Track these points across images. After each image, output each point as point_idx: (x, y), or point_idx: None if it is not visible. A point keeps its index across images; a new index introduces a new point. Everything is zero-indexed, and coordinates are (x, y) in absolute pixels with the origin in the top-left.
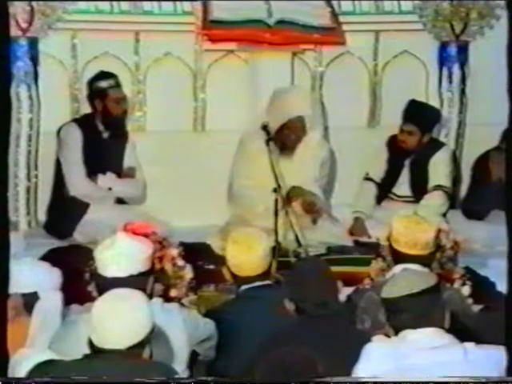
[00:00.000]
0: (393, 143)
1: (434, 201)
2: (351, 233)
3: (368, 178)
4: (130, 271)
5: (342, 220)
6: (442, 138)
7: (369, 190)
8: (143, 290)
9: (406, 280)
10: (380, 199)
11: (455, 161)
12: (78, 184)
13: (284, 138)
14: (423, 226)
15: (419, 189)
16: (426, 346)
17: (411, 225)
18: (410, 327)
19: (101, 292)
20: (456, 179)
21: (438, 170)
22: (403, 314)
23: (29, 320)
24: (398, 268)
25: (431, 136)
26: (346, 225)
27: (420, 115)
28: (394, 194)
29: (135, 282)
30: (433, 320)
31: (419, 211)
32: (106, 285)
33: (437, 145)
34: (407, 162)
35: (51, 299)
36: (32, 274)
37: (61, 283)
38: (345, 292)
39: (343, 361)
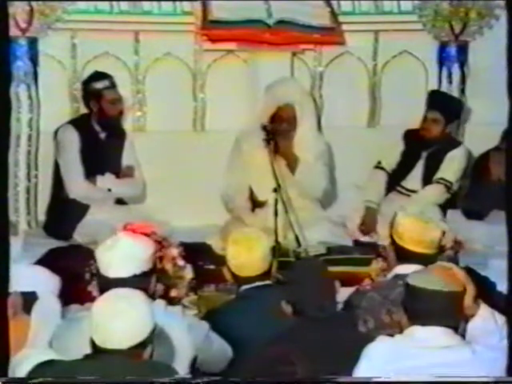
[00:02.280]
0: (410, 136)
1: (430, 192)
2: (362, 222)
3: (379, 167)
4: (132, 271)
5: (344, 218)
6: None
7: (379, 178)
8: (146, 289)
9: (440, 275)
10: (387, 191)
11: (469, 160)
12: (76, 186)
13: (276, 128)
14: (430, 225)
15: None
16: (433, 345)
17: (419, 223)
18: (424, 320)
19: (103, 292)
20: (463, 176)
21: (450, 165)
22: (424, 306)
23: (27, 320)
24: (401, 268)
25: (454, 127)
26: (350, 222)
27: (445, 103)
28: (403, 187)
29: (138, 281)
30: (448, 323)
31: (414, 200)
32: (109, 285)
33: (455, 142)
34: (424, 154)
35: (50, 301)
36: (31, 275)
37: (59, 289)
38: (344, 293)
39: (343, 362)
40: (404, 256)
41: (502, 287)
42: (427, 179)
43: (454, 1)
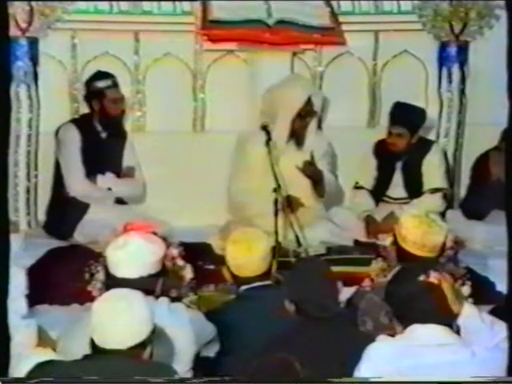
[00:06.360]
0: (380, 148)
1: (431, 203)
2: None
3: (358, 187)
4: (139, 273)
5: (346, 220)
6: (442, 138)
7: (363, 196)
8: (152, 291)
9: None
10: (376, 203)
11: (446, 158)
12: (77, 185)
13: (297, 126)
14: (434, 229)
15: (414, 190)
16: (434, 342)
17: (422, 226)
18: (418, 321)
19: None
20: (449, 176)
21: (433, 172)
22: (411, 311)
23: None
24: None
25: (419, 136)
26: (350, 226)
27: (407, 116)
28: (389, 197)
29: (145, 283)
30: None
31: (415, 206)
32: (116, 284)
33: (426, 144)
34: (398, 165)
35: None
36: None
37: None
38: (345, 292)
39: (344, 362)
40: (405, 258)
41: (501, 287)
42: (410, 186)
43: (454, 1)
